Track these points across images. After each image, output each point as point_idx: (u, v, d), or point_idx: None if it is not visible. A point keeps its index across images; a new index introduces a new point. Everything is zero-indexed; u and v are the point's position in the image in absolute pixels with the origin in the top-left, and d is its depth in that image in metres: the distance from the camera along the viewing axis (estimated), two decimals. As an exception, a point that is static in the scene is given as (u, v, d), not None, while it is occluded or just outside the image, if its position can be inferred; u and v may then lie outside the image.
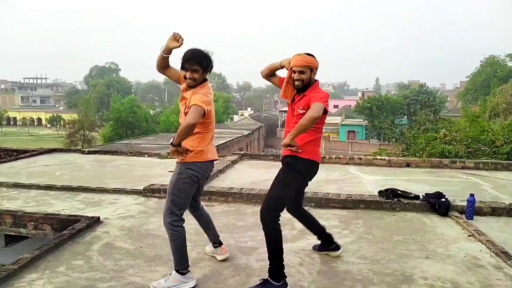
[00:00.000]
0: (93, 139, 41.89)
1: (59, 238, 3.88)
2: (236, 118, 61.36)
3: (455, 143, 12.58)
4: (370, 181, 6.49)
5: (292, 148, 2.97)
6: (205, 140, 3.12)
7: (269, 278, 2.98)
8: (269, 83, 3.66)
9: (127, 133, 41.36)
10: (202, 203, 5.31)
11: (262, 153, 9.45)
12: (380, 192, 5.24)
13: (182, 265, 3.00)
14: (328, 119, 51.61)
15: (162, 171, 7.44)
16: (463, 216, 4.64)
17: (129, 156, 9.04)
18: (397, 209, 4.93)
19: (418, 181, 6.49)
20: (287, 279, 3.06)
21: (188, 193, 3.12)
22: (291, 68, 3.16)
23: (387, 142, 38.19)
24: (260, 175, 6.97)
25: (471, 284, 3.10)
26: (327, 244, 3.62)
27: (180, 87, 3.21)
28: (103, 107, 64.96)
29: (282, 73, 3.44)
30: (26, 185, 6.06)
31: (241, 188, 5.49)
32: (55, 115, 66.86)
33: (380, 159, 7.92)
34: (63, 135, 43.84)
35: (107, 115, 52.31)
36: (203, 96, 2.96)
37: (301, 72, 3.11)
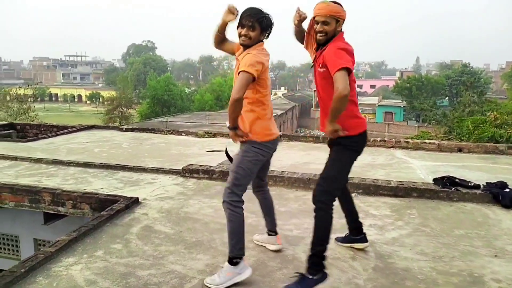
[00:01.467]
0: (131, 116, 42.66)
1: (97, 219, 3.74)
2: (272, 97, 60.87)
3: (506, 126, 11.77)
4: (420, 167, 6.04)
5: (339, 133, 2.65)
6: (265, 112, 2.85)
7: (306, 273, 2.65)
8: (304, 60, 3.23)
9: (163, 110, 41.85)
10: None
11: (301, 134, 9.10)
12: (435, 179, 4.81)
13: (236, 251, 2.73)
14: (364, 100, 50.53)
15: (199, 150, 7.26)
16: (532, 209, 4.18)
17: (166, 134, 8.92)
18: (455, 199, 4.51)
19: (472, 168, 5.98)
20: (340, 275, 2.78)
21: (252, 173, 2.87)
22: (314, 17, 2.78)
23: (426, 125, 36.73)
24: (300, 157, 6.65)
25: (554, 290, 2.71)
26: (355, 233, 3.26)
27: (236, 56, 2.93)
28: (140, 84, 65.96)
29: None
30: (65, 162, 6.02)
31: (282, 171, 5.21)
32: (95, 92, 68.63)
33: (429, 143, 7.39)
34: (102, 111, 44.85)
35: (144, 92, 53.09)
36: (254, 56, 2.67)
37: (324, 23, 2.69)
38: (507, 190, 4.39)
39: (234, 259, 2.74)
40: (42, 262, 2.96)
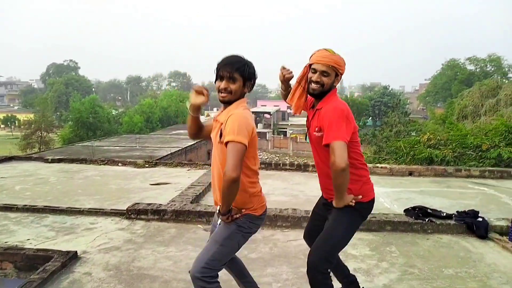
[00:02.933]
0: (51, 140, 39.52)
1: (30, 285, 2.93)
2: (202, 118, 60.03)
3: (440, 147, 12.32)
4: (381, 194, 5.85)
5: (351, 203, 2.31)
6: (258, 185, 2.35)
7: None
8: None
9: (88, 134, 39.26)
10: (199, 225, 4.54)
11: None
12: (406, 210, 4.59)
13: None
14: (296, 120, 51.69)
15: (142, 184, 6.50)
16: (506, 238, 4.07)
17: (100, 165, 7.99)
18: (429, 231, 4.29)
19: (431, 193, 5.92)
20: None
21: (237, 250, 2.34)
22: (310, 65, 2.36)
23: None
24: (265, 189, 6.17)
25: None
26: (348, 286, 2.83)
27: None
28: (61, 106, 61.85)
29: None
30: (-22, 206, 4.97)
31: (245, 208, 4.68)
32: (10, 115, 62.90)
33: (381, 167, 7.34)
34: (18, 136, 41.06)
35: (66, 115, 49.66)
36: (240, 119, 2.14)
37: (323, 73, 2.31)
38: (480, 219, 4.27)
39: None
40: None
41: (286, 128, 48.86)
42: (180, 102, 54.94)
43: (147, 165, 7.86)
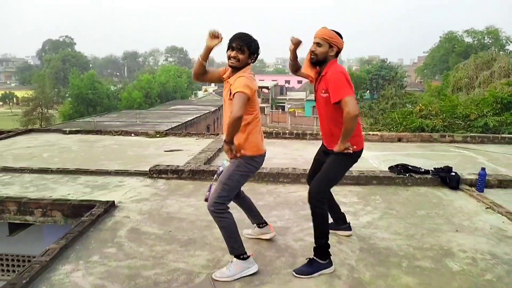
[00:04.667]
0: (52, 117, 40.05)
1: (81, 225, 3.66)
2: (200, 94, 60.45)
3: (431, 117, 13.01)
4: (371, 157, 6.58)
5: (349, 150, 2.96)
6: (256, 130, 3.01)
7: (315, 257, 2.98)
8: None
9: (88, 110, 39.76)
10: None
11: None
12: (390, 167, 5.32)
13: (237, 250, 2.90)
14: (293, 95, 51.99)
15: (157, 151, 7.20)
16: (474, 189, 4.81)
17: (115, 135, 8.67)
18: (409, 184, 5.04)
19: (416, 156, 6.65)
20: (332, 258, 3.06)
21: (240, 186, 3.09)
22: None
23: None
24: (268, 154, 6.87)
25: (508, 254, 3.23)
26: (340, 223, 3.60)
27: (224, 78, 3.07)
28: (59, 83, 61.86)
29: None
30: (17, 169, 5.68)
31: (252, 167, 5.40)
32: (7, 92, 63.06)
33: (373, 134, 8.04)
34: (18, 113, 41.53)
35: (65, 91, 49.95)
36: (246, 79, 2.84)
37: (318, 44, 2.99)
38: (453, 173, 5.00)
39: (241, 255, 2.90)
40: (39, 272, 2.88)
41: (285, 103, 49.40)
42: (178, 77, 55.10)
43: (158, 135, 8.54)
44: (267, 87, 50.59)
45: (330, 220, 3.62)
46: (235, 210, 3.79)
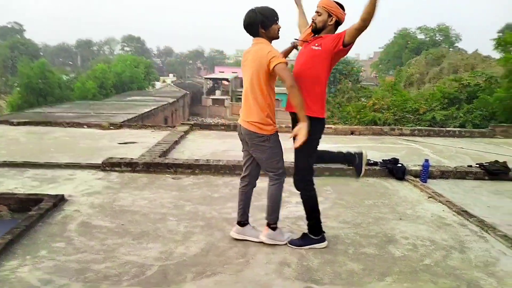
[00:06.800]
0: (-1, 107, 37.98)
1: (28, 219, 3.55)
2: (158, 85, 59.28)
3: (383, 111, 13.54)
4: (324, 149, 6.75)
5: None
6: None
7: (308, 233, 3.26)
8: (191, 48, 3.56)
9: (39, 100, 37.95)
10: (167, 175, 5.24)
11: (213, 123, 9.36)
12: (342, 159, 5.51)
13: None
14: (253, 87, 52.20)
15: (110, 143, 7.05)
16: (418, 179, 5.09)
17: (66, 127, 8.39)
18: (359, 175, 5.24)
19: (367, 148, 6.89)
20: (283, 247, 3.16)
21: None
22: None
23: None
24: (218, 145, 6.92)
25: (445, 241, 3.46)
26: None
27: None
28: (7, 71, 58.52)
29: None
30: (-41, 162, 5.39)
31: (208, 160, 5.43)
32: (-52, 81, 58.91)
33: (327, 127, 8.24)
34: (-40, 103, 39.05)
35: (14, 80, 47.34)
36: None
37: (317, 13, 3.09)
38: (399, 165, 5.26)
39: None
40: (-18, 268, 2.79)
41: (244, 95, 49.29)
42: (135, 67, 53.64)
43: (112, 127, 8.35)
44: (227, 79, 50.42)
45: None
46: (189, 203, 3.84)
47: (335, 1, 3.09)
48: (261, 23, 2.99)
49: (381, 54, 58.20)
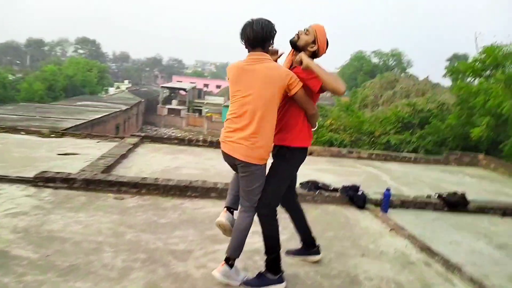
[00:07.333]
0: None
1: None
2: (111, 90, 57.28)
3: (340, 131, 13.55)
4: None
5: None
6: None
7: (266, 271, 2.92)
8: (149, 55, 3.21)
9: (-21, 101, 35.43)
10: (110, 194, 4.69)
11: (165, 136, 8.83)
12: (301, 183, 5.22)
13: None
14: (211, 99, 51.59)
15: (48, 153, 6.36)
16: (379, 208, 4.88)
17: (0, 132, 7.56)
18: (319, 202, 4.97)
19: (327, 171, 6.70)
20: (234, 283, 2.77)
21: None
22: None
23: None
24: (169, 161, 6.42)
25: (411, 283, 3.20)
26: (309, 247, 3.40)
27: None
28: None
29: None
30: None
31: (156, 178, 4.93)
32: None
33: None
34: None
35: (-49, 77, 43.91)
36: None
37: (306, 31, 2.90)
38: (360, 192, 5.03)
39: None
40: None
41: (202, 107, 48.75)
42: (88, 71, 51.54)
43: (53, 135, 7.62)
44: (184, 89, 49.59)
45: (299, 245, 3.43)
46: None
47: (326, 37, 2.91)
48: (272, 39, 2.79)
49: (338, 74, 59.79)
